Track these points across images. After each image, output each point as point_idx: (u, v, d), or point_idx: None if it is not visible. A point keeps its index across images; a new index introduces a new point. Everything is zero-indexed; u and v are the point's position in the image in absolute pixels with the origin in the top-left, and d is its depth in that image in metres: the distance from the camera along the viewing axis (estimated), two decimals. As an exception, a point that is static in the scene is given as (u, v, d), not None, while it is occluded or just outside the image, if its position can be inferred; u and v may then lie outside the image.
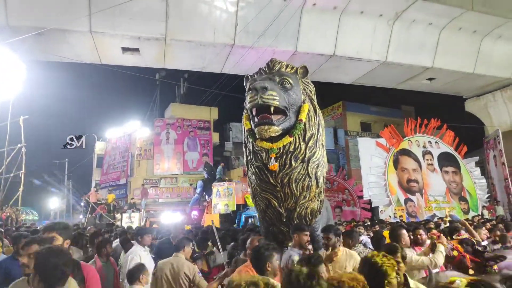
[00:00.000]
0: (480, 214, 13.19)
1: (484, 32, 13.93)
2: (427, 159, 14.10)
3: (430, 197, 13.64)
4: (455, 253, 3.22)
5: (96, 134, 23.82)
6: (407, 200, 13.27)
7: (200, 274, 3.88)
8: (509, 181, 14.84)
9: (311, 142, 4.11)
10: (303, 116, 4.08)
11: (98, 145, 25.01)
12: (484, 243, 5.40)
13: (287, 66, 4.30)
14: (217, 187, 14.32)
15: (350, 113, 24.85)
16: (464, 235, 3.54)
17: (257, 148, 4.10)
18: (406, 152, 13.86)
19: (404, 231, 3.66)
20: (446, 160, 14.39)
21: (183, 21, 11.33)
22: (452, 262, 3.32)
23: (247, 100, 3.94)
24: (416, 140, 14.19)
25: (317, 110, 4.34)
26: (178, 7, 11.07)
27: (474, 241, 3.30)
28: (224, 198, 13.86)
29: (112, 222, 14.43)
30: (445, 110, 20.13)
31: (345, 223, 10.77)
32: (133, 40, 11.50)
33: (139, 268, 3.53)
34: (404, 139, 13.95)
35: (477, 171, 14.84)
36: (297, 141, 4.05)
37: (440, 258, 3.17)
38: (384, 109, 25.97)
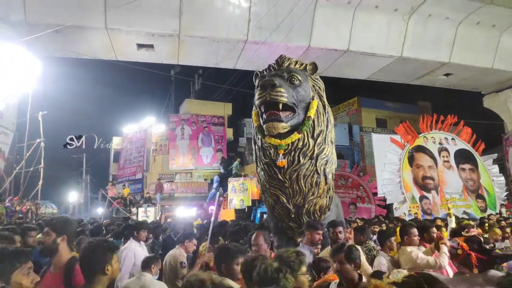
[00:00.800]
0: (498, 212, 12.92)
1: (504, 26, 13.55)
2: (443, 156, 13.83)
3: (446, 194, 13.39)
4: (459, 251, 3.18)
5: (113, 129, 24.21)
6: (422, 197, 13.06)
7: (184, 263, 4.05)
8: (529, 179, 14.48)
9: (319, 138, 4.12)
10: (311, 113, 4.09)
11: (115, 140, 25.45)
12: (502, 244, 5.31)
13: (296, 62, 4.31)
14: (232, 182, 14.40)
15: (365, 109, 24.59)
16: (474, 231, 3.49)
17: (265, 145, 4.13)
18: (421, 149, 13.62)
19: (414, 230, 3.63)
20: (463, 157, 14.09)
21: (196, 17, 11.40)
22: (457, 260, 3.28)
23: (256, 96, 3.98)
24: (432, 137, 13.93)
25: (326, 106, 4.33)
26: (192, 3, 11.14)
27: (482, 239, 3.25)
28: (239, 193, 13.94)
29: (128, 216, 14.73)
30: (462, 106, 19.70)
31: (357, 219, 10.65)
32: (147, 36, 11.63)
33: (152, 259, 3.75)
34: (420, 135, 13.71)
35: (495, 168, 14.50)
36: (306, 137, 4.07)
37: (445, 259, 3.14)
38: (400, 105, 25.58)
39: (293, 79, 4.06)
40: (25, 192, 12.02)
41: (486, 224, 6.67)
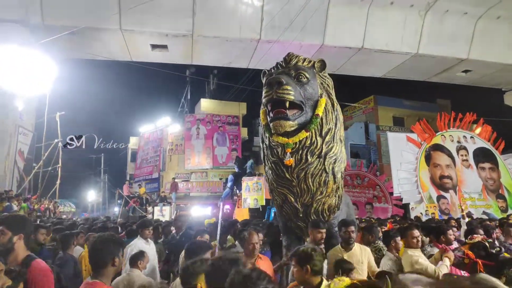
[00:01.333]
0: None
1: (526, 20, 13.12)
2: (462, 155, 13.49)
3: (465, 194, 13.06)
4: (466, 260, 3.09)
5: (130, 129, 24.55)
6: (439, 197, 12.78)
7: None
8: (553, 178, 13.97)
9: (328, 137, 4.05)
10: (319, 111, 4.02)
11: (132, 140, 25.85)
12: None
13: (304, 60, 4.25)
14: (246, 182, 14.37)
15: (382, 107, 24.22)
16: (478, 237, 3.37)
17: (273, 143, 4.09)
18: (439, 148, 13.32)
19: (413, 231, 3.52)
20: (482, 156, 13.71)
21: (209, 18, 11.45)
22: (464, 268, 3.19)
23: (263, 95, 3.94)
24: (450, 135, 13.61)
25: (335, 104, 4.25)
26: (205, 4, 11.19)
27: (487, 244, 3.14)
28: (253, 192, 13.89)
29: (144, 215, 14.90)
30: (483, 103, 19.18)
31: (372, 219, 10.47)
32: (161, 37, 11.75)
33: (138, 255, 3.79)
34: (437, 134, 13.42)
35: (517, 167, 14.06)
36: (314, 136, 4.00)
37: (444, 271, 3.05)
38: (418, 103, 25.08)
39: (301, 77, 3.99)
40: (43, 191, 12.33)
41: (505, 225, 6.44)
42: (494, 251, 3.04)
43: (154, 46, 12.29)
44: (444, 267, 3.06)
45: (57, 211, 12.15)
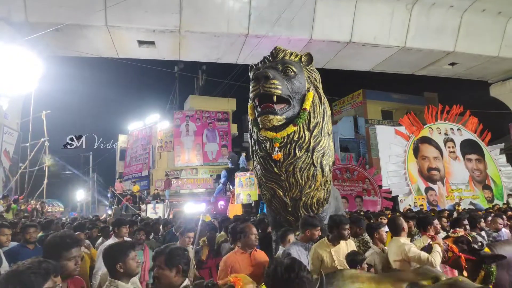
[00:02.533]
0: (505, 202, 12.77)
1: (510, 13, 13.30)
2: (449, 147, 13.70)
3: (452, 185, 13.29)
4: (450, 254, 3.13)
5: (118, 127, 24.31)
6: (428, 189, 12.97)
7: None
8: (538, 168, 14.27)
9: (316, 130, 4.05)
10: (307, 105, 4.02)
11: (121, 138, 25.59)
12: (505, 232, 5.23)
13: (291, 54, 4.24)
14: (239, 177, 14.34)
15: (370, 101, 24.40)
16: (461, 231, 3.42)
17: (261, 138, 4.08)
18: (426, 140, 13.51)
19: (402, 220, 3.57)
20: (469, 147, 13.94)
21: (196, 13, 11.35)
22: (447, 263, 3.23)
23: (250, 89, 3.92)
24: (437, 127, 13.80)
25: (322, 98, 4.25)
26: (192, -1, 11.09)
27: (470, 238, 3.19)
28: (246, 188, 13.89)
29: (138, 213, 14.79)
30: (469, 96, 19.45)
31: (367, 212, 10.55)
32: (148, 33, 11.62)
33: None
34: (425, 126, 13.60)
35: (503, 158, 14.32)
36: (302, 130, 4.00)
37: (437, 257, 3.07)
38: (406, 96, 25.33)
39: (288, 71, 3.98)
40: (30, 191, 12.14)
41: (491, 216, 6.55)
42: (476, 246, 3.09)
43: (141, 43, 12.15)
44: (437, 254, 3.09)
45: (44, 211, 11.98)
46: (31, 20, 10.51)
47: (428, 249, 3.23)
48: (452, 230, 3.73)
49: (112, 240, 4.43)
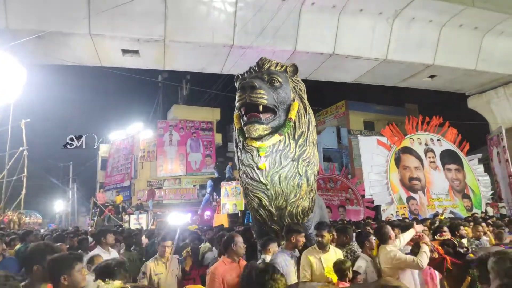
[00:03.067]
0: (483, 211, 13.08)
1: (486, 28, 13.80)
2: (429, 157, 13.99)
3: (433, 195, 13.54)
4: (435, 254, 3.20)
5: (100, 136, 23.93)
6: (409, 198, 13.18)
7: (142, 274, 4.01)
8: (514, 178, 14.71)
9: (301, 140, 4.11)
10: (292, 115, 4.08)
11: (102, 148, 25.17)
12: (485, 239, 5.36)
13: (276, 64, 4.31)
14: (225, 187, 14.24)
15: (353, 112, 24.79)
16: (447, 235, 3.51)
17: (247, 147, 4.11)
18: (407, 150, 13.76)
19: (388, 228, 3.65)
20: (448, 157, 14.27)
21: (181, 22, 11.37)
22: (433, 264, 3.30)
23: (236, 99, 3.96)
24: (418, 138, 14.09)
25: (307, 108, 4.33)
26: (177, 8, 11.10)
27: (456, 242, 3.28)
28: (232, 197, 13.79)
29: (120, 223, 14.50)
30: (448, 107, 20.03)
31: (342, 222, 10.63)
32: (132, 42, 11.55)
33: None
34: (406, 137, 13.86)
35: (480, 168, 14.71)
36: (287, 139, 4.06)
37: (424, 259, 3.13)
38: (388, 107, 25.86)
39: (274, 81, 4.05)
40: (7, 202, 11.77)
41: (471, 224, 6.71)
42: (461, 251, 3.16)
43: (125, 51, 12.06)
44: (424, 255, 3.14)
45: (22, 223, 11.63)
46: (12, 27, 10.30)
47: (415, 249, 3.28)
48: (438, 233, 3.81)
49: (97, 251, 4.36)
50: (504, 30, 14.01)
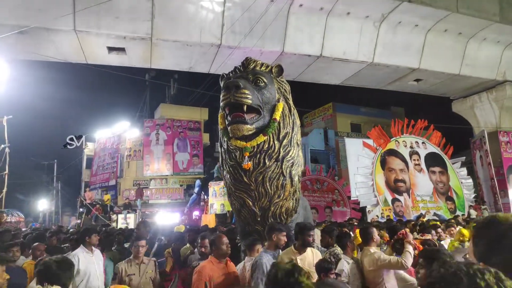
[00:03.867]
0: (465, 213, 13.30)
1: (469, 34, 14.06)
2: (414, 159, 14.17)
3: (417, 197, 13.71)
4: (416, 252, 3.23)
5: (85, 135, 23.54)
6: (394, 200, 13.32)
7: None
8: (495, 181, 15.00)
9: (285, 141, 4.11)
10: (277, 115, 4.08)
11: (88, 146, 24.76)
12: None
13: (262, 64, 4.30)
14: (213, 186, 14.14)
15: (340, 114, 25.01)
16: (429, 236, 3.55)
17: (231, 147, 4.09)
18: (393, 153, 13.91)
19: (373, 229, 3.67)
20: (433, 160, 14.47)
21: (169, 21, 11.27)
22: (412, 262, 3.33)
23: (221, 98, 3.93)
24: (403, 141, 14.26)
25: (292, 109, 4.33)
26: (164, 7, 11.01)
27: (437, 243, 3.32)
28: (220, 197, 13.70)
29: (108, 223, 14.31)
30: (434, 111, 20.32)
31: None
32: (118, 39, 11.40)
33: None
34: (391, 139, 14.01)
35: (464, 171, 14.96)
36: (271, 140, 4.05)
37: (408, 259, 3.16)
38: (374, 110, 26.17)
39: (258, 81, 4.04)
40: (-13, 200, 11.48)
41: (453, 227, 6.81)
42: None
43: (111, 49, 11.90)
44: (408, 255, 3.16)
45: (3, 221, 11.35)
46: (-6, 22, 10.07)
47: (396, 245, 3.30)
48: (420, 233, 3.85)
49: (80, 250, 4.29)
50: (487, 37, 14.30)
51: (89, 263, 4.13)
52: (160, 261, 4.42)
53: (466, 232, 5.88)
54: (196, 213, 16.06)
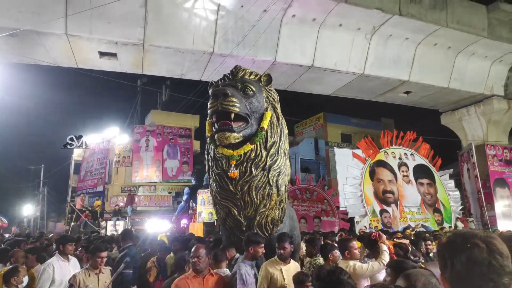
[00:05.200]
0: (451, 225, 13.39)
1: (458, 48, 14.32)
2: (403, 171, 14.25)
3: (405, 208, 13.76)
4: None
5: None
6: (382, 211, 13.35)
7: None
8: (482, 193, 15.15)
9: (272, 150, 4.10)
10: (265, 124, 4.07)
11: (76, 151, 24.49)
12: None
13: (251, 73, 4.31)
14: (202, 194, 13.99)
15: (331, 124, 25.14)
16: (405, 241, 3.56)
17: (218, 155, 4.07)
18: (382, 164, 13.98)
19: (353, 243, 3.65)
20: (421, 172, 14.58)
21: (161, 27, 11.28)
22: None
23: (208, 106, 3.92)
24: (392, 152, 14.35)
25: (280, 118, 4.33)
26: (157, 13, 11.03)
27: (410, 249, 3.33)
28: (208, 206, 13.52)
29: (97, 230, 14.09)
30: (423, 123, 20.53)
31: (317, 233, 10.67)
32: (110, 44, 11.36)
33: (11, 271, 3.59)
34: (381, 150, 14.09)
35: (451, 183, 15.09)
36: (258, 148, 4.03)
37: (386, 257, 3.16)
38: (365, 121, 26.36)
39: (247, 90, 4.04)
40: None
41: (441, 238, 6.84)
42: (412, 257, 3.21)
43: (102, 54, 11.84)
44: (385, 254, 3.16)
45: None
46: (-17, 24, 9.97)
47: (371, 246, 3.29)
48: (398, 237, 3.85)
49: (55, 258, 4.19)
50: (475, 51, 14.58)
51: (65, 271, 4.03)
52: (127, 272, 4.27)
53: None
54: (184, 221, 15.89)
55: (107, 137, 22.57)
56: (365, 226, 12.35)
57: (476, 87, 15.64)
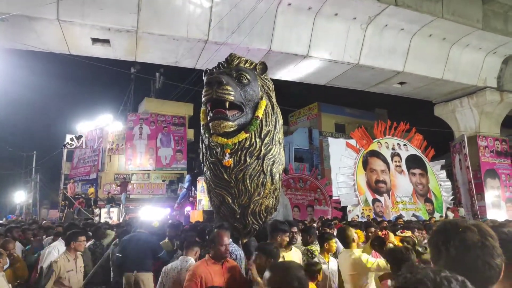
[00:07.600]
0: (442, 215, 13.59)
1: (453, 40, 14.33)
2: (395, 161, 14.39)
3: (397, 198, 13.93)
4: None
5: (67, 127, 23.09)
6: (374, 200, 13.50)
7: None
8: (473, 184, 15.36)
9: (267, 139, 4.11)
10: (259, 113, 4.07)
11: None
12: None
13: (246, 61, 4.29)
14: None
15: (325, 114, 25.18)
16: (408, 233, 3.60)
17: (212, 143, 4.07)
18: (375, 154, 14.09)
19: (351, 231, 3.68)
20: (413, 162, 14.72)
21: (155, 14, 11.12)
22: None
23: (203, 94, 3.90)
24: (386, 142, 14.46)
25: (275, 107, 4.33)
26: (151, 0, 10.86)
27: (416, 241, 3.37)
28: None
29: (91, 217, 14.07)
30: (416, 114, 20.68)
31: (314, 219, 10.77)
32: (103, 31, 11.18)
33: None
34: (374, 140, 14.19)
35: (443, 173, 15.26)
36: (253, 137, 4.04)
37: None
38: (358, 111, 26.46)
39: (242, 78, 4.02)
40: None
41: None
42: (420, 249, 3.25)
43: (95, 40, 11.66)
44: None
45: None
46: (-29, 8, 9.75)
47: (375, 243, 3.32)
48: (400, 230, 3.89)
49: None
50: (470, 43, 14.61)
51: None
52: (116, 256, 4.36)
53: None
54: (188, 208, 15.88)
55: (100, 125, 22.40)
56: (357, 215, 12.49)
57: (470, 78, 15.71)
